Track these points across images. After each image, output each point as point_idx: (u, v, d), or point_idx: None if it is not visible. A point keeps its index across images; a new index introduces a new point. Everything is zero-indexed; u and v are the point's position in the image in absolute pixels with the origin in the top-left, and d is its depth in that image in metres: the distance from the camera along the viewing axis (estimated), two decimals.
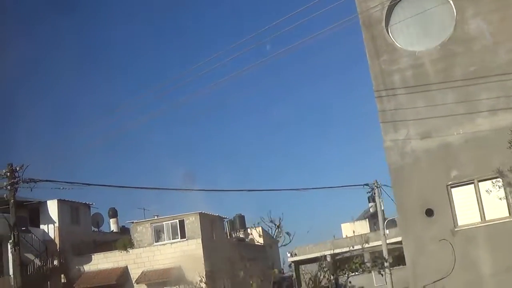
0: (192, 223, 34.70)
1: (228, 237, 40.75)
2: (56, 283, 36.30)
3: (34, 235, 36.38)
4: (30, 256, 36.01)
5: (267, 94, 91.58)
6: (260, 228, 45.43)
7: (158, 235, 35.35)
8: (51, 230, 37.89)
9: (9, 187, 19.94)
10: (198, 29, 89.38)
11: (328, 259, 50.61)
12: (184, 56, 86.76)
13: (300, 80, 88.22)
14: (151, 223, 35.52)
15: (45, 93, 79.21)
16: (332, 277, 49.48)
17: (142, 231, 35.57)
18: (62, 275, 36.76)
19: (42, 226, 37.78)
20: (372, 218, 57.11)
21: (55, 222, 37.81)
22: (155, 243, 35.27)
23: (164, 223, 35.21)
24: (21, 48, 66.41)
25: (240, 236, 43.50)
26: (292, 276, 45.31)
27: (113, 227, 44.61)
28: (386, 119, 13.98)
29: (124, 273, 35.12)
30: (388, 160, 14.30)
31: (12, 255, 34.19)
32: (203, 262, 33.97)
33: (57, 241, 37.50)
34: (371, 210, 58.99)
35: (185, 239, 34.62)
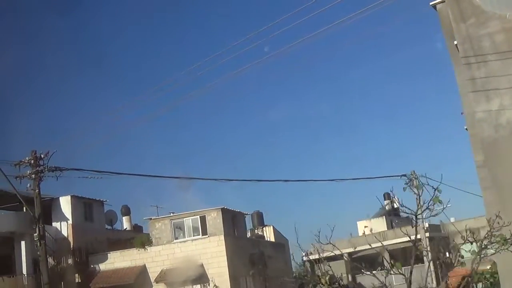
0: (214, 219, 33.10)
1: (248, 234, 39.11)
2: (70, 283, 34.65)
3: (48, 233, 34.71)
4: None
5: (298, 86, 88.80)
6: (272, 227, 44.23)
7: (177, 232, 33.73)
8: (63, 227, 36.25)
9: (33, 175, 18.36)
10: (201, 29, 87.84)
11: (346, 257, 49.66)
12: (186, 55, 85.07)
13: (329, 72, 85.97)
14: (170, 219, 33.92)
15: (45, 92, 77.47)
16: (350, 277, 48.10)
17: (160, 227, 33.94)
18: (77, 275, 35.11)
19: (54, 224, 36.12)
20: (389, 215, 55.76)
21: (68, 219, 36.16)
22: (174, 240, 33.64)
23: (184, 219, 33.61)
24: (19, 46, 64.75)
25: (259, 233, 41.88)
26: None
27: (126, 225, 42.91)
28: (476, 88, 12.43)
29: (142, 272, 33.48)
30: (479, 133, 12.73)
31: (24, 251, 32.74)
32: (225, 260, 32.37)
33: (70, 239, 35.85)
34: (386, 208, 57.71)
35: (207, 236, 33.01)
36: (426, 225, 46.28)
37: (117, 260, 34.34)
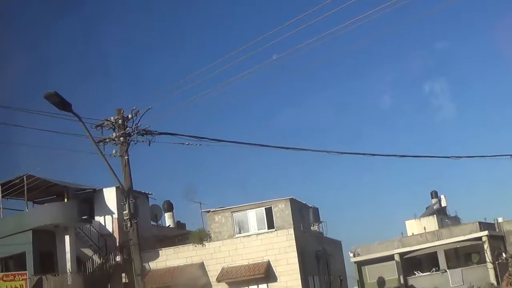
0: (282, 211, 29.44)
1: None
2: (117, 283, 30.99)
3: (93, 227, 31.17)
4: (88, 252, 30.83)
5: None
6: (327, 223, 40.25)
7: (240, 225, 30.08)
8: (108, 222, 32.67)
9: (121, 138, 14.80)
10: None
11: (397, 258, 45.76)
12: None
13: None
14: (231, 212, 30.24)
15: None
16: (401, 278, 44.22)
17: (220, 221, 30.27)
18: (123, 274, 31.43)
19: (97, 218, 32.57)
20: (438, 214, 52.16)
21: (114, 213, 32.60)
22: (237, 235, 29.97)
23: (248, 211, 29.93)
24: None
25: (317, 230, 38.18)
26: None
27: (169, 221, 39.28)
28: None
29: (199, 270, 29.79)
30: None
31: (69, 247, 28.92)
32: (296, 256, 28.72)
33: (116, 234, 32.26)
34: (434, 207, 54.13)
35: (274, 229, 29.35)
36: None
37: (170, 258, 30.67)
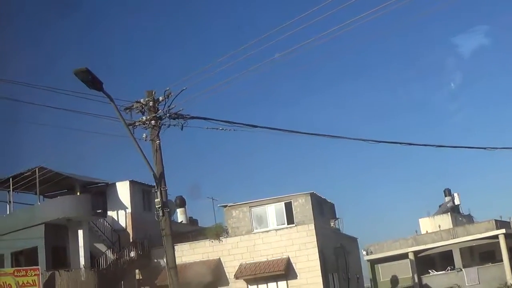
0: (302, 205, 28.52)
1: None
2: (130, 280, 30.07)
3: (107, 222, 30.26)
4: (101, 247, 29.91)
5: None
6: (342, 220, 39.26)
7: (259, 220, 29.15)
8: (121, 217, 31.75)
9: (152, 122, 13.86)
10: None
11: (411, 256, 44.84)
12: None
13: None
14: (249, 207, 29.32)
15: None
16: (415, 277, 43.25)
17: (238, 216, 29.35)
18: (137, 271, 30.53)
19: (110, 213, 31.62)
20: (452, 212, 51.30)
21: (127, 208, 31.68)
22: (255, 230, 29.05)
23: (267, 206, 29.01)
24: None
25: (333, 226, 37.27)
26: None
27: (181, 217, 38.36)
28: None
29: (217, 266, 28.89)
30: None
31: (82, 241, 28.03)
32: (316, 252, 27.79)
33: (129, 230, 31.35)
34: (448, 205, 53.26)
35: (293, 225, 28.42)
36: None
37: (186, 254, 29.72)
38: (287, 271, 27.65)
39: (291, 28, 14.65)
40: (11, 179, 29.69)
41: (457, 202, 53.86)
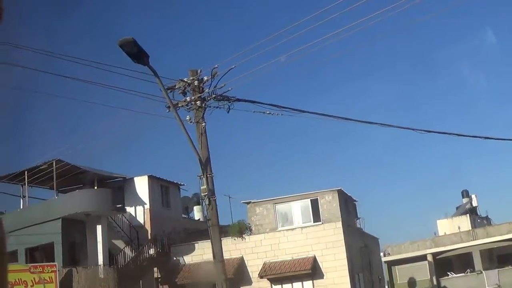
0: (329, 203, 27.45)
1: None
2: (149, 278, 29.00)
3: (125, 217, 29.21)
4: (119, 244, 28.84)
5: None
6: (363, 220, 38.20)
7: (283, 218, 28.09)
8: (139, 213, 30.67)
9: (197, 103, 12.83)
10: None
11: (429, 258, 43.66)
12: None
13: None
14: (274, 204, 28.27)
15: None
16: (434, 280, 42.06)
17: (262, 213, 28.29)
18: (155, 269, 29.46)
19: (128, 209, 30.57)
20: (470, 214, 50.29)
21: (145, 204, 30.60)
22: (279, 228, 27.98)
23: (292, 203, 27.94)
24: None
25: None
26: None
27: (198, 215, 37.30)
28: None
29: (239, 265, 27.83)
30: None
31: (101, 238, 26.95)
32: (344, 251, 26.72)
33: (147, 226, 30.27)
34: (466, 207, 52.26)
35: (320, 222, 27.35)
36: None
37: (207, 252, 28.45)
38: (313, 270, 26.58)
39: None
40: (26, 172, 28.68)
41: (475, 204, 52.93)
